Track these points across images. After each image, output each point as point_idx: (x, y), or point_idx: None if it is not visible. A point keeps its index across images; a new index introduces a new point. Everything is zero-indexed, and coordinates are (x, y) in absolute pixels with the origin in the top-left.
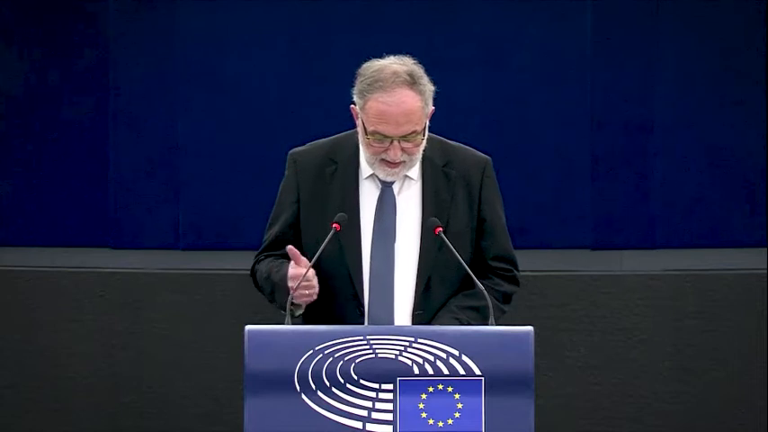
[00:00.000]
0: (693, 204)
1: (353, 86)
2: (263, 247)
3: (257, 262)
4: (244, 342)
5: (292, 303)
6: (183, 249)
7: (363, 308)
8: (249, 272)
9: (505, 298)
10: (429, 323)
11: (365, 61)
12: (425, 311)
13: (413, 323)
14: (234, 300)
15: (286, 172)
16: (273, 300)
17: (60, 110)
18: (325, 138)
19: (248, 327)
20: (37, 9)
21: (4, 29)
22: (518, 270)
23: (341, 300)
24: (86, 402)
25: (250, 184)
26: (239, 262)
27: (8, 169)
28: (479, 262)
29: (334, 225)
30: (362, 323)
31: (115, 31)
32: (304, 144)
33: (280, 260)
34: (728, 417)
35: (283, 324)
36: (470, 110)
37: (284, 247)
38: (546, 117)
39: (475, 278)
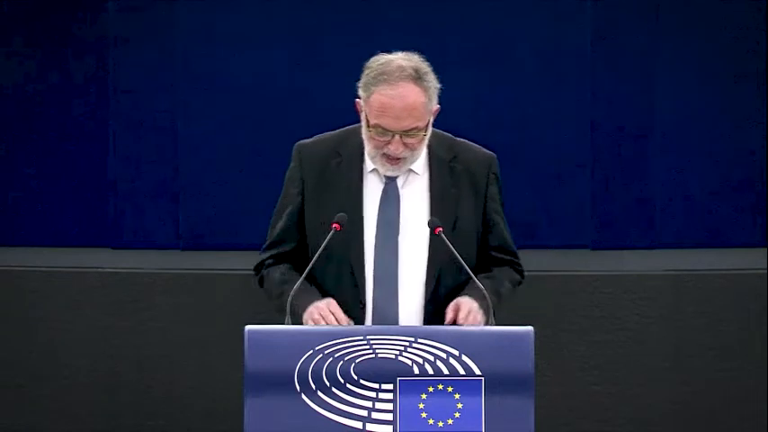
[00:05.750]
0: (693, 204)
1: (359, 80)
2: (269, 242)
3: (265, 265)
4: (244, 342)
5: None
6: (183, 249)
7: (365, 302)
8: (253, 268)
9: (517, 284)
10: (438, 319)
11: (365, 60)
12: (435, 308)
13: (423, 320)
14: (234, 300)
15: (291, 163)
16: (277, 306)
17: (60, 110)
18: (331, 131)
19: (248, 327)
20: (37, 9)
21: (3, 29)
22: (520, 262)
23: (342, 292)
24: (86, 402)
25: (250, 183)
26: (239, 262)
27: (8, 169)
28: (483, 255)
29: (334, 225)
30: (363, 316)
31: (115, 31)
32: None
33: (291, 274)
34: (728, 417)
35: (283, 324)
36: (470, 109)
37: (289, 242)
38: (546, 117)
39: (475, 278)
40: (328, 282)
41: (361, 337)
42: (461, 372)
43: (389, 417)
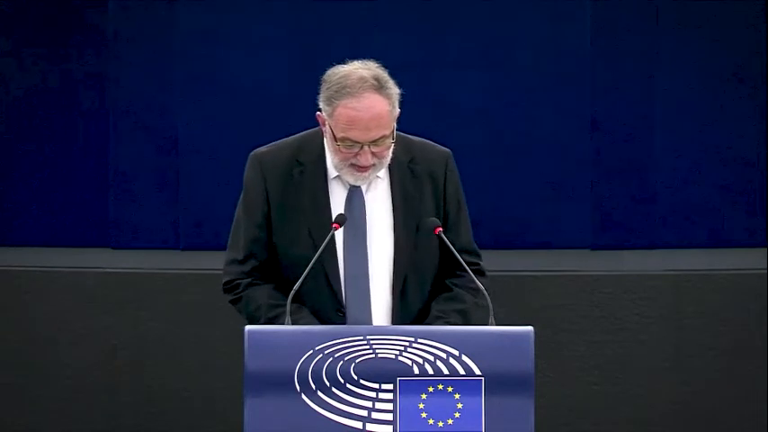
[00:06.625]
0: (693, 204)
1: (318, 94)
2: (239, 256)
3: (241, 285)
4: (244, 342)
5: None
6: (183, 249)
7: (343, 309)
8: (224, 284)
9: (476, 294)
10: (407, 320)
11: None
12: (403, 310)
13: (392, 322)
14: None
15: (249, 173)
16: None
17: (60, 110)
18: (288, 137)
19: (248, 327)
20: (37, 9)
21: (3, 29)
22: (482, 260)
23: (320, 302)
24: (86, 402)
25: None
26: None
27: (8, 169)
28: (446, 257)
29: (334, 225)
30: (344, 323)
31: (115, 31)
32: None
33: (279, 297)
34: (728, 417)
35: (283, 324)
36: (470, 110)
37: (259, 255)
38: (546, 117)
39: (477, 280)
40: (306, 291)
41: (361, 337)
42: (461, 372)
43: (389, 417)
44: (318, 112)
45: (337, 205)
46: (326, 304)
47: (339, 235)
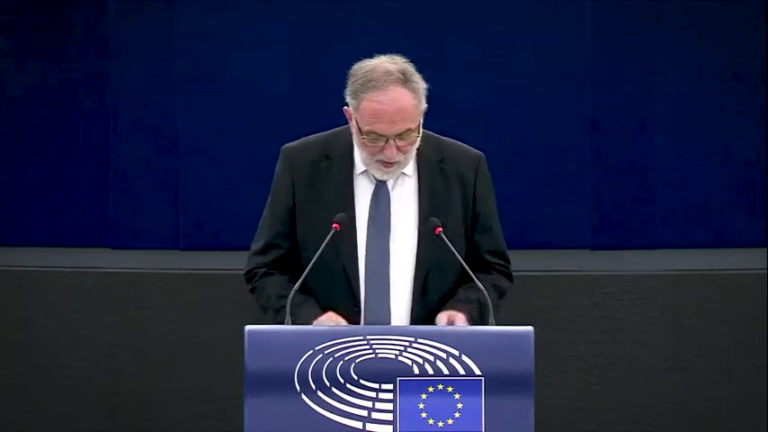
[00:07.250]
0: (694, 204)
1: (345, 87)
2: (260, 246)
3: (258, 274)
4: (244, 342)
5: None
6: (183, 249)
7: (360, 304)
8: (244, 274)
9: (502, 294)
10: (426, 319)
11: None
12: (423, 308)
13: (411, 320)
14: (234, 300)
15: (279, 167)
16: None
17: (60, 110)
18: (318, 133)
19: (248, 327)
20: (37, 9)
21: (3, 29)
22: (510, 264)
23: (337, 296)
24: (86, 402)
25: (250, 183)
26: (239, 262)
27: (8, 169)
28: (474, 257)
29: (334, 225)
30: (359, 319)
31: (115, 31)
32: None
33: (289, 287)
34: (728, 417)
35: (283, 324)
36: (470, 110)
37: (281, 246)
38: (546, 117)
39: (475, 278)
40: (322, 285)
41: (361, 337)
42: (461, 372)
43: (389, 417)
44: (345, 107)
45: (362, 200)
46: (343, 300)
47: (362, 230)
